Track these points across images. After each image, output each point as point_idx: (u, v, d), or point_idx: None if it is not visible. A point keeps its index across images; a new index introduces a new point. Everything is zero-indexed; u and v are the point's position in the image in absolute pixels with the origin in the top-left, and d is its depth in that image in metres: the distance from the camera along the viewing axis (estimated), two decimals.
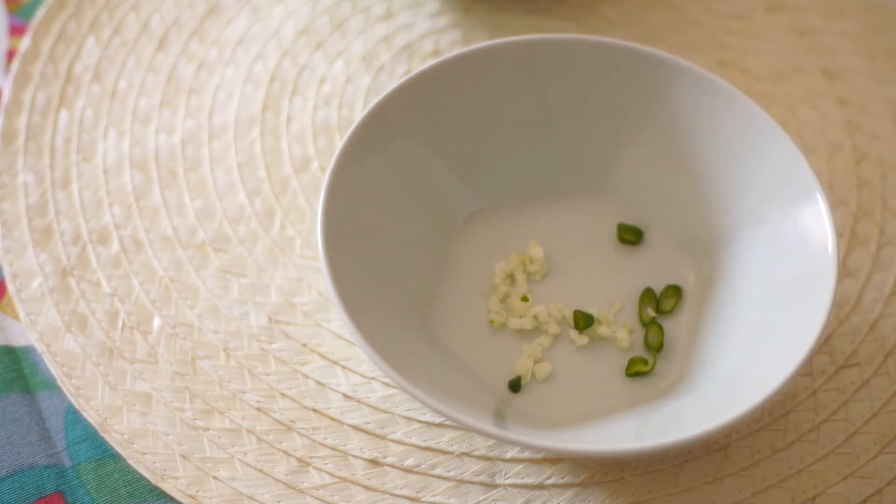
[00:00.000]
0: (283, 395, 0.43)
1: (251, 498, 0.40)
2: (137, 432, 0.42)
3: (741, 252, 0.42)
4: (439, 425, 0.42)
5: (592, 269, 0.45)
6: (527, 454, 0.41)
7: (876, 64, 0.53)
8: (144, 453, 0.41)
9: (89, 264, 0.46)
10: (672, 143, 0.44)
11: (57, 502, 0.40)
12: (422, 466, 0.41)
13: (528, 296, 0.44)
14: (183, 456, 0.41)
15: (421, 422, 0.42)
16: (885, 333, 0.44)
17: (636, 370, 0.42)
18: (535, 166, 0.46)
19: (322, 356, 0.44)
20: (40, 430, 0.42)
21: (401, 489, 0.41)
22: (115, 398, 0.43)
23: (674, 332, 0.43)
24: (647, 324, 0.43)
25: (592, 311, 0.43)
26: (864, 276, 0.45)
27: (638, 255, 0.45)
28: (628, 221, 0.46)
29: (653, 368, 0.42)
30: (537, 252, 0.45)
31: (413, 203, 0.44)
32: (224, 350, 0.44)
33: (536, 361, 0.42)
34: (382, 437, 0.42)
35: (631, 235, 0.45)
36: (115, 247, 0.47)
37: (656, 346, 0.42)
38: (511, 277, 0.45)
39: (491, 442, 0.41)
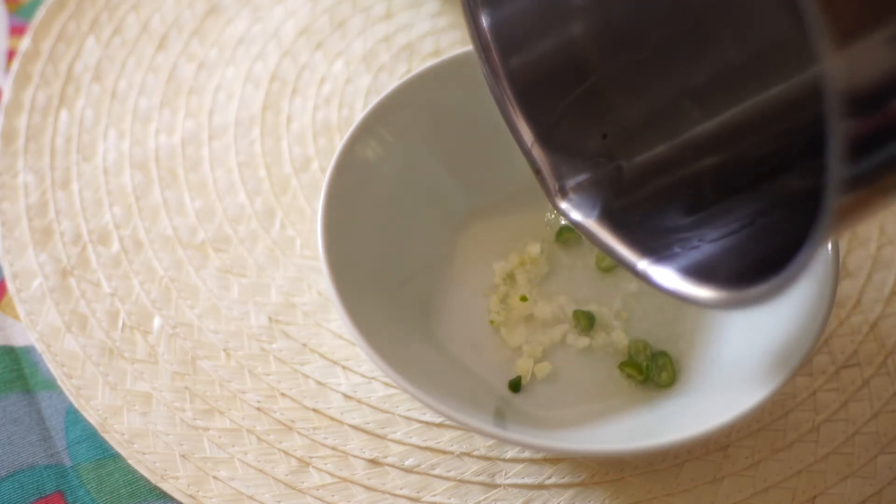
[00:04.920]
0: (283, 395, 0.43)
1: (251, 498, 0.40)
2: (137, 432, 0.42)
3: None
4: (439, 425, 0.42)
5: (593, 268, 0.45)
6: (527, 454, 0.41)
7: None
8: (144, 453, 0.41)
9: (89, 264, 0.46)
10: None
11: (57, 502, 0.40)
12: (422, 466, 0.41)
13: (529, 296, 0.44)
14: (183, 456, 0.41)
15: (421, 422, 0.42)
16: (885, 333, 0.44)
17: (627, 373, 0.42)
18: None
19: (322, 356, 0.44)
20: (40, 430, 0.42)
21: (401, 489, 0.41)
22: (115, 398, 0.43)
23: (674, 332, 0.43)
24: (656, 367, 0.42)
25: (593, 310, 0.43)
26: (864, 276, 0.45)
27: None
28: None
29: (645, 379, 0.42)
30: (536, 251, 0.45)
31: (413, 203, 0.44)
32: (224, 350, 0.44)
33: (536, 361, 0.42)
34: (382, 437, 0.42)
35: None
36: (115, 247, 0.47)
37: (667, 384, 0.41)
38: (511, 277, 0.45)
39: (491, 442, 0.41)
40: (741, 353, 0.40)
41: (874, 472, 0.41)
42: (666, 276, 0.35)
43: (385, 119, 0.43)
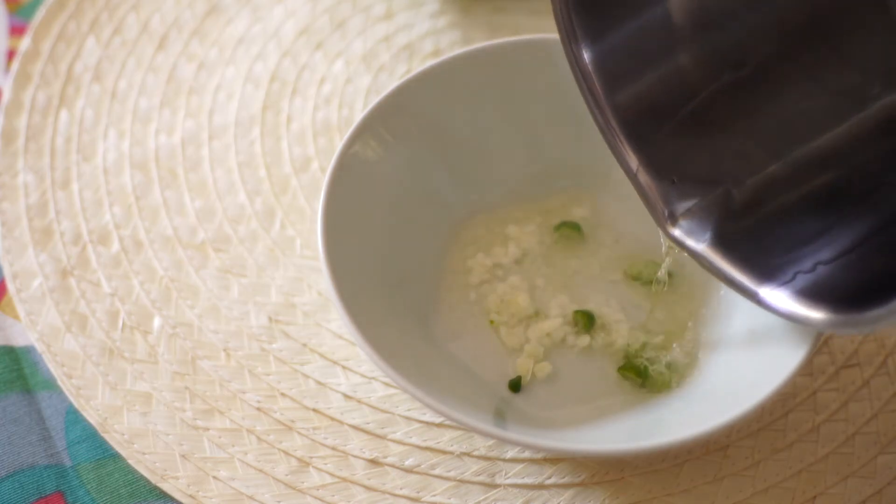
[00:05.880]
0: (283, 395, 0.43)
1: (251, 498, 0.40)
2: (137, 432, 0.42)
3: None
4: (439, 425, 0.42)
5: (593, 267, 0.45)
6: (527, 454, 0.41)
7: None
8: (144, 453, 0.41)
9: (89, 264, 0.46)
10: None
11: (57, 502, 0.40)
12: (422, 466, 0.41)
13: (527, 294, 0.44)
14: (183, 456, 0.41)
15: (421, 422, 0.42)
16: (885, 333, 0.44)
17: (626, 376, 0.41)
18: (536, 165, 0.46)
19: (322, 356, 0.44)
20: (40, 430, 0.42)
21: (401, 489, 0.41)
22: (115, 398, 0.43)
23: (674, 332, 0.43)
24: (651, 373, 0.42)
25: (592, 310, 0.43)
26: None
27: (639, 256, 0.45)
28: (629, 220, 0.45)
29: (643, 383, 0.41)
30: (514, 232, 0.45)
31: (413, 202, 0.44)
32: (224, 350, 0.44)
33: (536, 361, 0.42)
34: (382, 437, 0.42)
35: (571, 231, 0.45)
36: (115, 247, 0.47)
37: (664, 387, 0.41)
38: (500, 268, 0.45)
39: (491, 442, 0.41)
40: (742, 352, 0.40)
41: (874, 472, 0.41)
42: (783, 300, 0.35)
43: (385, 119, 0.43)
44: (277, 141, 0.51)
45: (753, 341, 0.40)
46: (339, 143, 0.45)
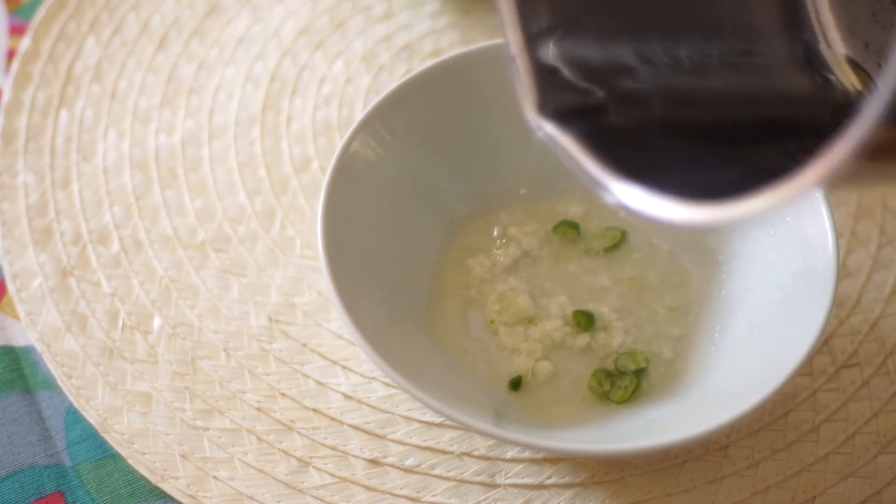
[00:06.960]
0: (283, 395, 0.43)
1: (251, 498, 0.40)
2: (137, 432, 0.42)
3: (741, 252, 0.43)
4: (439, 425, 0.42)
5: (593, 267, 0.45)
6: (527, 454, 0.41)
7: None
8: (144, 453, 0.41)
9: (89, 264, 0.46)
10: None
11: (57, 502, 0.40)
12: (422, 466, 0.41)
13: (527, 294, 0.44)
14: (183, 456, 0.41)
15: (421, 422, 0.42)
16: (885, 333, 0.44)
17: (595, 382, 0.41)
18: (535, 165, 0.46)
19: (322, 356, 0.44)
20: (40, 430, 0.42)
21: (401, 489, 0.41)
22: (115, 398, 0.43)
23: (675, 332, 0.43)
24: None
25: (592, 310, 0.43)
26: (864, 276, 0.45)
27: (638, 254, 0.45)
28: (629, 221, 0.46)
29: (603, 394, 0.41)
30: (514, 232, 0.45)
31: (413, 202, 0.44)
32: (224, 350, 0.44)
33: (536, 361, 0.42)
34: (382, 437, 0.42)
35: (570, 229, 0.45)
36: (115, 247, 0.47)
37: (619, 401, 0.41)
38: (500, 270, 0.45)
39: (491, 442, 0.41)
40: (741, 352, 0.40)
41: (874, 472, 0.41)
42: (638, 196, 0.32)
43: (385, 119, 0.43)
44: (277, 141, 0.51)
45: (753, 341, 0.40)
46: (339, 143, 0.45)
